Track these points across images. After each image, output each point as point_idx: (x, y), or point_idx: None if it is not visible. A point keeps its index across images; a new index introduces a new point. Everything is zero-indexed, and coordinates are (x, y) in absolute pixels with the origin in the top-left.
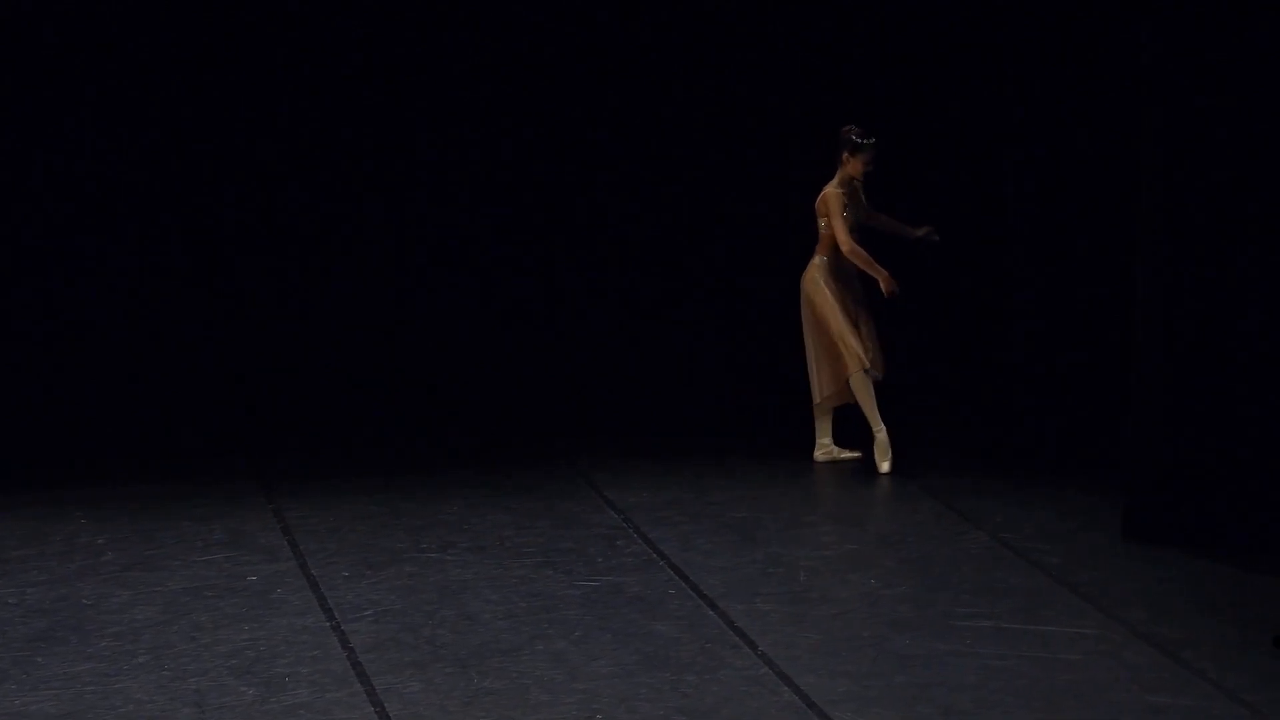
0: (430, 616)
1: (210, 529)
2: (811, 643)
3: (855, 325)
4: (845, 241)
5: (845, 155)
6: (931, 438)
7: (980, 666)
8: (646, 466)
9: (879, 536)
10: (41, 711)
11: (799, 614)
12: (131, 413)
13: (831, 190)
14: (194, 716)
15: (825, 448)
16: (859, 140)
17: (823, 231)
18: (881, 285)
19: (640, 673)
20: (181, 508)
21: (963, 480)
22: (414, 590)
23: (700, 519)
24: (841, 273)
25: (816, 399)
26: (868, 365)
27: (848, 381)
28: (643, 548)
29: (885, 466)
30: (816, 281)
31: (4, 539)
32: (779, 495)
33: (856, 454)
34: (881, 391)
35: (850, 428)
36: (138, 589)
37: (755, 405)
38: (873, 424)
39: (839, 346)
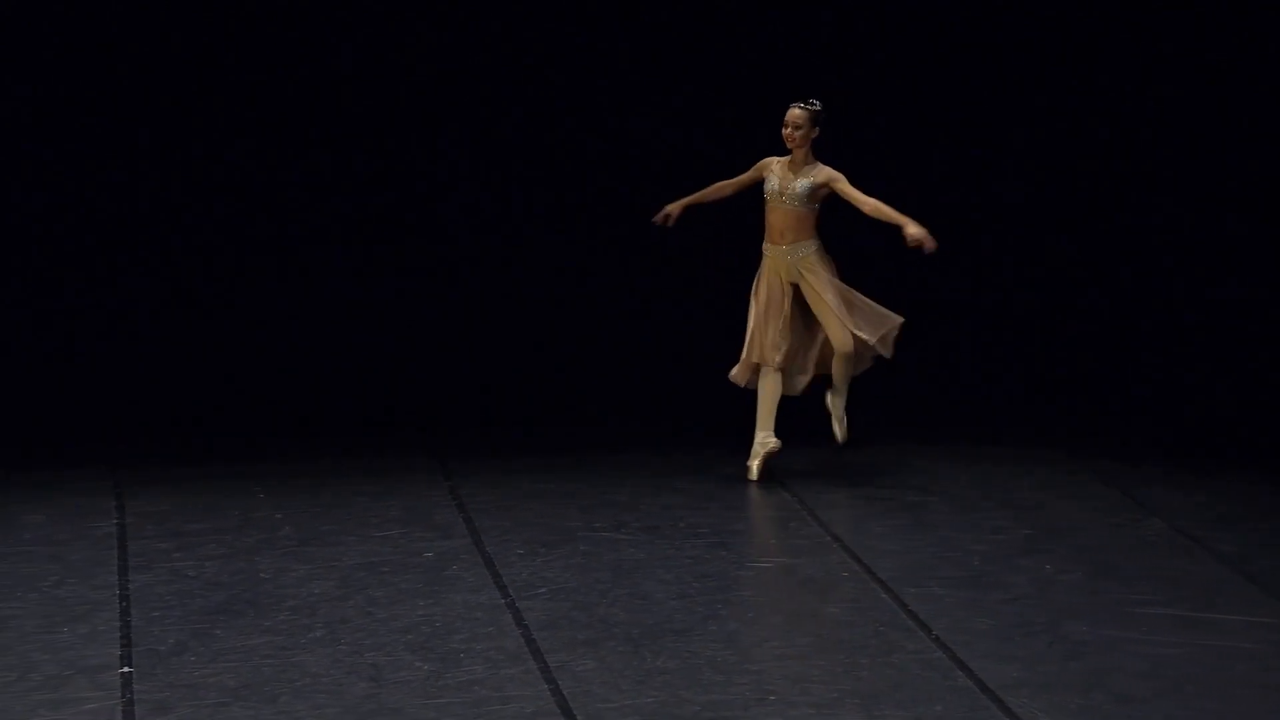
0: (604, 595)
1: (386, 505)
2: (985, 628)
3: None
4: (866, 200)
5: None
6: (1105, 424)
7: (1155, 654)
8: (820, 450)
9: (1053, 523)
10: (219, 683)
11: (972, 599)
12: (309, 389)
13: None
14: (369, 690)
15: (832, 407)
16: (813, 109)
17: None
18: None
19: (813, 655)
20: (358, 484)
21: (1138, 467)
22: (587, 569)
23: (873, 502)
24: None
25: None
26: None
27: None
28: (816, 530)
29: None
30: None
31: (183, 513)
32: (953, 480)
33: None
34: (1075, 376)
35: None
36: (314, 563)
37: (926, 390)
38: (762, 424)
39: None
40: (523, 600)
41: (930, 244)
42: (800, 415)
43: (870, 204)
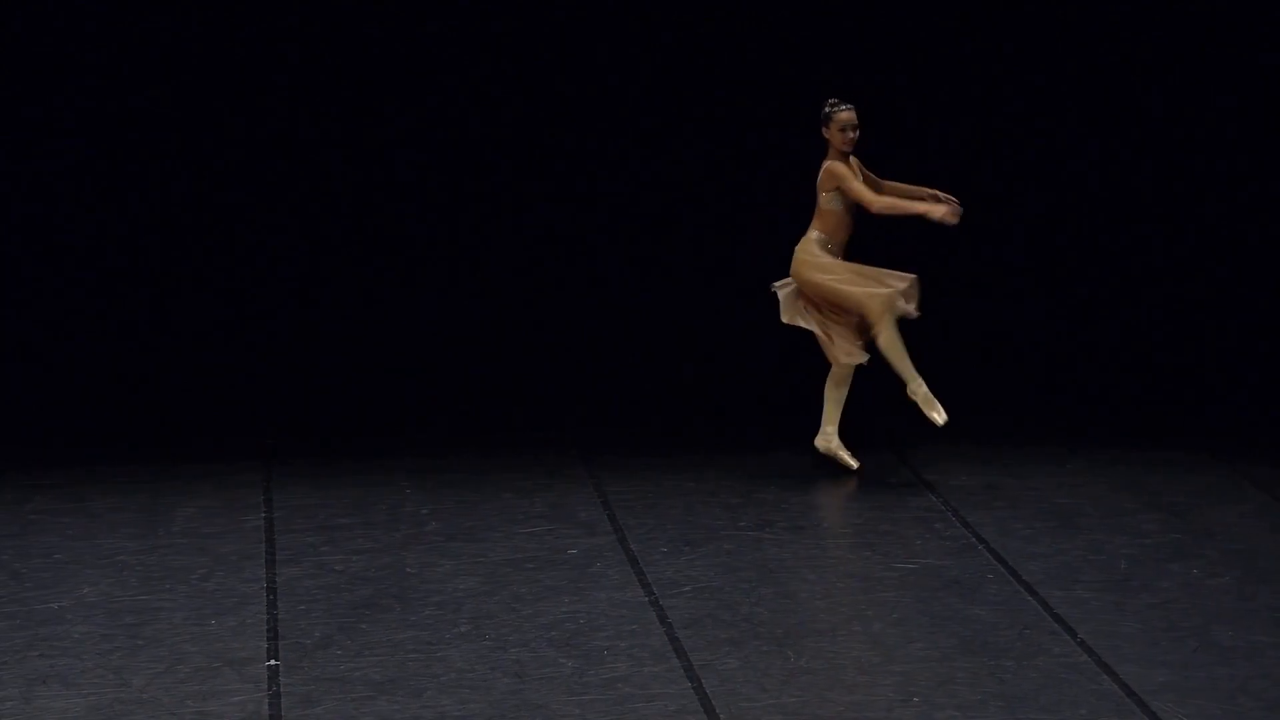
0: (748, 594)
1: (531, 502)
2: (1131, 632)
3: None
4: (872, 200)
5: (825, 131)
6: (1258, 428)
7: None
8: (966, 450)
9: (1202, 526)
10: (365, 677)
11: (1119, 602)
12: (458, 387)
13: (831, 162)
14: (514, 686)
15: (827, 436)
16: (829, 109)
17: (822, 207)
18: (935, 214)
19: (958, 656)
20: (504, 481)
21: None
22: (732, 568)
23: (1019, 504)
24: (837, 250)
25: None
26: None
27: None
28: (961, 531)
29: (939, 417)
30: (813, 254)
31: (332, 507)
32: (1099, 482)
33: (854, 464)
34: (1224, 375)
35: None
36: (460, 559)
37: (1077, 391)
38: (908, 378)
39: (855, 301)
40: (666, 598)
41: (954, 216)
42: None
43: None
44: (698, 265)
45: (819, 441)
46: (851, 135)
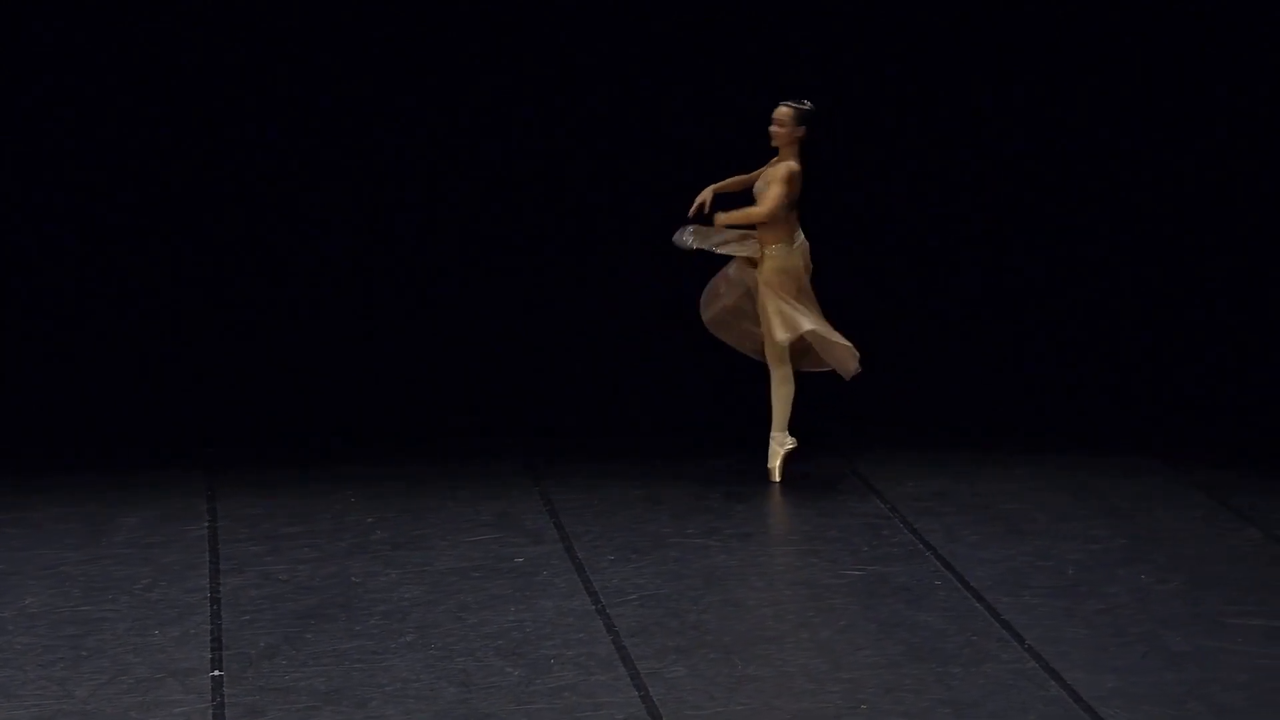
0: (695, 602)
1: (478, 510)
2: (1079, 637)
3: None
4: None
5: (800, 131)
6: (1204, 432)
7: (1252, 666)
8: (913, 456)
9: (1150, 532)
10: (310, 687)
11: (1067, 608)
12: (403, 394)
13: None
14: (460, 696)
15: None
16: (809, 108)
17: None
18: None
19: (905, 663)
20: (450, 489)
21: (1236, 476)
22: (679, 575)
23: (967, 510)
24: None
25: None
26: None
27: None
28: (909, 538)
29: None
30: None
31: (276, 516)
32: (1047, 488)
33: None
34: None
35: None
36: (405, 568)
37: (1024, 397)
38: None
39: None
40: (613, 606)
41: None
42: (892, 420)
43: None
44: (642, 273)
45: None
46: (773, 129)
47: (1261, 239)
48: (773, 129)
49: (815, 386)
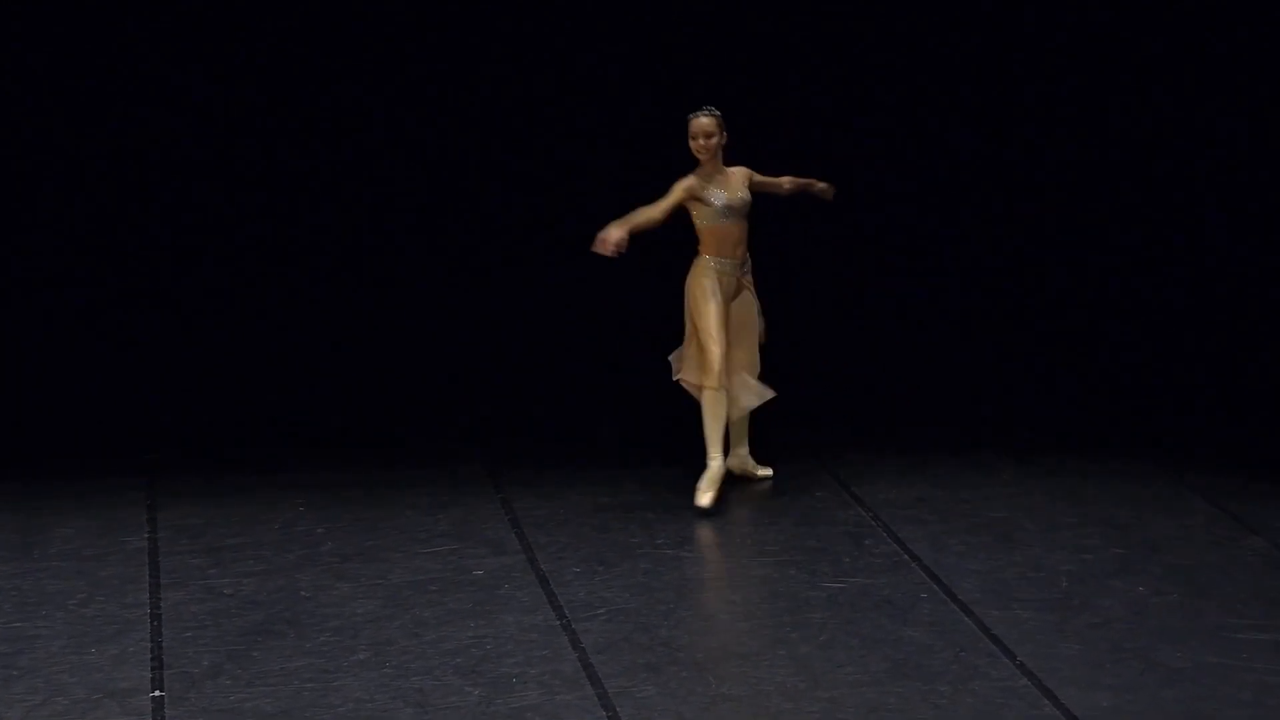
0: (666, 616)
1: (435, 519)
2: (1073, 653)
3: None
4: (782, 180)
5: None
6: (1202, 434)
7: (1256, 681)
8: (895, 461)
9: (1146, 541)
10: (257, 709)
11: (1060, 622)
12: (353, 396)
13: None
14: (416, 717)
15: (740, 458)
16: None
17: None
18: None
19: (889, 681)
20: (404, 497)
21: (1236, 481)
22: (649, 589)
23: (952, 518)
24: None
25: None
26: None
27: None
28: (892, 548)
29: (706, 500)
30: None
31: (219, 526)
32: (1035, 493)
33: (768, 471)
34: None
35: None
36: (358, 581)
37: (1007, 395)
38: (710, 448)
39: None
40: (580, 622)
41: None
42: (872, 422)
43: (786, 181)
44: (612, 276)
45: (731, 463)
46: (701, 143)
47: (1261, 239)
48: (700, 143)
49: (790, 389)
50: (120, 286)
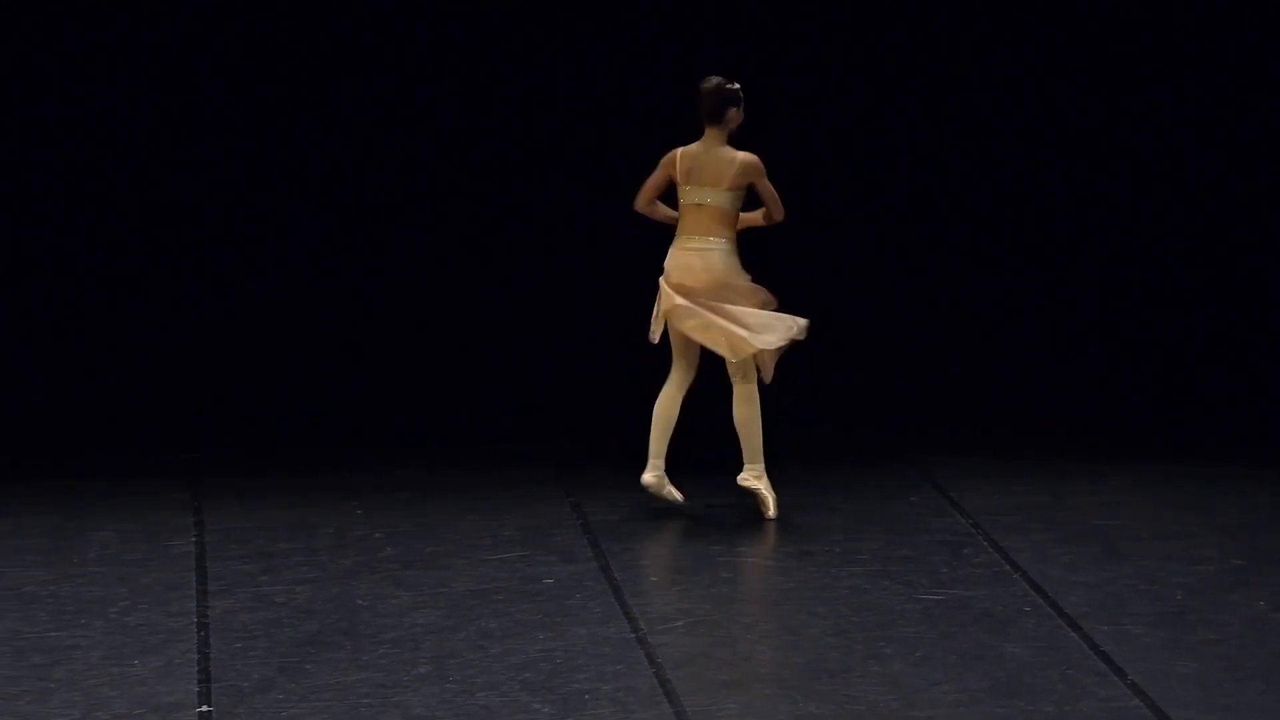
0: (748, 630)
1: (501, 524)
2: (1188, 672)
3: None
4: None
5: (737, 112)
6: None
7: None
8: (995, 465)
9: (1265, 552)
10: None
11: (1174, 639)
12: (414, 395)
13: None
14: None
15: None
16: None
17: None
18: None
19: (989, 700)
20: (469, 500)
21: None
22: (730, 600)
23: (1058, 526)
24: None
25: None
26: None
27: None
28: (993, 558)
29: (769, 509)
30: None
31: (271, 530)
32: (1145, 500)
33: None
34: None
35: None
36: (419, 590)
37: (1116, 399)
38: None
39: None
40: (656, 634)
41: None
42: (970, 425)
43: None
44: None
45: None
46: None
47: None
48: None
49: (881, 387)
50: (166, 280)
